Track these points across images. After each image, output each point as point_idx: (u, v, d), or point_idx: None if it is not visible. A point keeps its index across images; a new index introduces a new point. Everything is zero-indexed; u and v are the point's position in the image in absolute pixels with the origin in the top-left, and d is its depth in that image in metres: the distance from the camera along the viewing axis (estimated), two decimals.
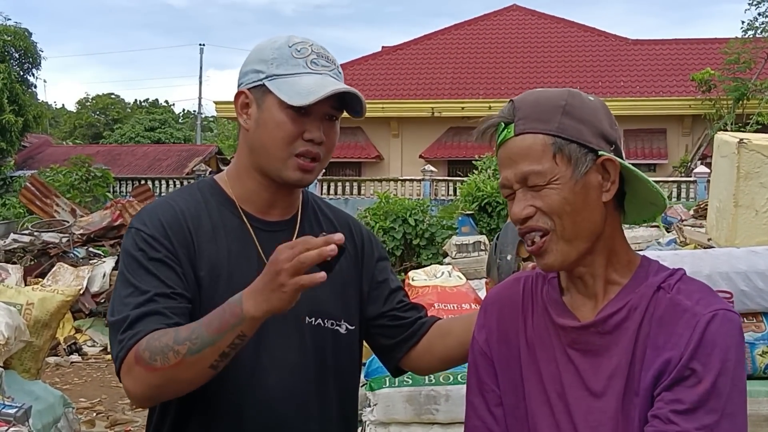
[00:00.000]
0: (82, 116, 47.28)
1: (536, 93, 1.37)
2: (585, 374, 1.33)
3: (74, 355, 9.52)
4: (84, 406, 7.04)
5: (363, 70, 27.96)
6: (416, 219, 14.38)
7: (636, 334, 1.29)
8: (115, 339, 1.49)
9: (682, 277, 1.33)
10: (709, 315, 1.25)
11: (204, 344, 1.39)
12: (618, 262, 1.36)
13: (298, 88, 1.54)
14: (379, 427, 3.37)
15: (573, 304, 1.38)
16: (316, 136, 1.58)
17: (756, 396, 2.84)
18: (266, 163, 1.60)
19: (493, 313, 1.47)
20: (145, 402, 1.52)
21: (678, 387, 1.24)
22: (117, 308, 1.51)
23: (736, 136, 3.74)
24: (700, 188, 20.57)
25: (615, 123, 1.37)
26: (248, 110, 1.61)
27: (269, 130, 1.58)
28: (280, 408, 1.57)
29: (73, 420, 4.61)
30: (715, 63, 23.79)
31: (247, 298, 1.38)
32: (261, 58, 1.60)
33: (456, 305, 3.92)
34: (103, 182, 21.23)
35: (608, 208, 1.34)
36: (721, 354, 1.23)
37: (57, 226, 12.45)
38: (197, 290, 1.56)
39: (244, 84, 1.62)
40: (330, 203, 1.86)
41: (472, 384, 1.47)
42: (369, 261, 1.77)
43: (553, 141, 1.30)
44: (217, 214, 1.63)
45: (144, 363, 1.42)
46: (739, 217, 3.66)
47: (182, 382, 1.44)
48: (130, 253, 1.55)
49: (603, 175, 1.32)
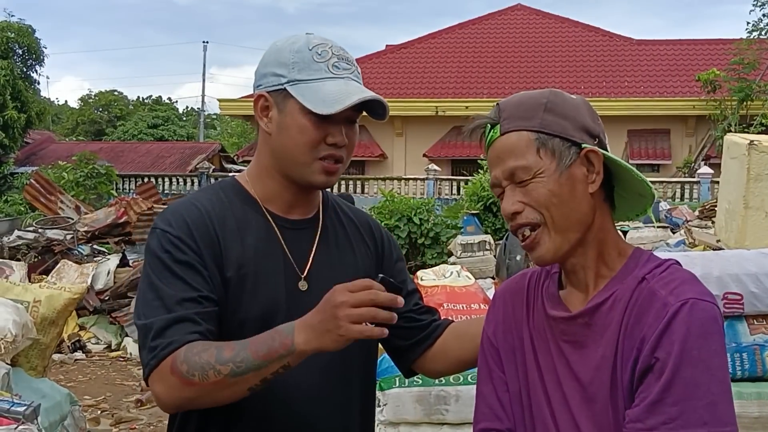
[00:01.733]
0: (84, 113, 47.25)
1: (520, 94, 1.42)
2: (575, 366, 1.35)
3: (78, 353, 9.51)
4: (88, 404, 7.04)
5: (367, 68, 27.93)
6: (421, 218, 14.35)
7: (620, 326, 1.31)
8: (144, 344, 1.49)
9: (669, 268, 1.34)
10: (678, 304, 1.25)
11: (248, 369, 1.40)
12: (608, 254, 1.38)
13: (322, 95, 1.54)
14: (389, 427, 3.36)
15: (567, 296, 1.41)
16: (339, 140, 1.58)
17: (766, 398, 2.84)
18: (290, 167, 1.61)
19: (500, 307, 1.52)
20: (173, 410, 1.52)
21: (646, 378, 1.25)
22: (144, 312, 1.51)
23: (746, 138, 3.74)
24: (704, 189, 20.54)
25: (597, 118, 1.40)
26: (269, 113, 1.61)
27: (292, 135, 1.57)
28: (305, 407, 1.57)
29: (80, 418, 4.61)
30: (719, 64, 23.77)
31: (299, 331, 1.39)
32: (281, 61, 1.59)
33: (465, 305, 3.92)
34: (107, 179, 21.23)
35: (596, 200, 1.36)
36: (684, 343, 1.22)
37: (61, 223, 12.45)
38: (224, 291, 1.55)
39: (264, 86, 1.61)
40: (349, 204, 1.86)
41: (482, 373, 1.50)
42: (388, 261, 1.78)
43: (536, 136, 1.34)
44: (242, 213, 1.63)
45: (180, 375, 1.42)
46: (749, 218, 3.66)
47: (218, 399, 1.45)
48: (156, 255, 1.54)
49: (587, 167, 1.35)
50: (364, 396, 1.71)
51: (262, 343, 1.41)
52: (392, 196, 15.30)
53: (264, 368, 1.40)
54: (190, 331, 1.46)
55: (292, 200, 1.66)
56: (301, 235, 1.65)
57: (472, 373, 3.38)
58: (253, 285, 1.56)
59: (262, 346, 1.40)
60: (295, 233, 1.65)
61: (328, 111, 1.52)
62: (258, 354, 1.39)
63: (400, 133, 26.54)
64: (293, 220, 1.66)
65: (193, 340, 1.45)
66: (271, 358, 1.39)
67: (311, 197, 1.69)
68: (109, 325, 10.05)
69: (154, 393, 1.48)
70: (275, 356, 1.39)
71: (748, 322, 2.88)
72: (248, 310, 1.56)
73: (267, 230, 1.63)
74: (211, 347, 1.43)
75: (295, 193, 1.65)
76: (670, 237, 8.82)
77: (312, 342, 1.37)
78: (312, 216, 1.70)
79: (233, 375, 1.40)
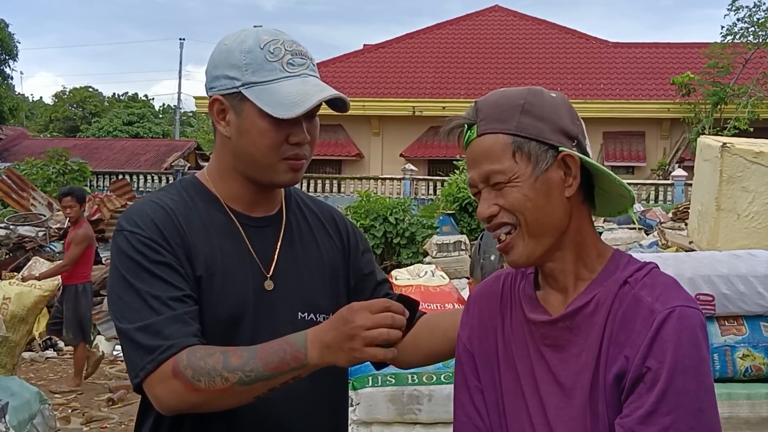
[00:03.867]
0: (58, 109, 46.76)
1: (497, 93, 1.39)
2: (555, 369, 1.34)
3: (49, 351, 9.42)
4: (59, 403, 6.95)
5: (344, 67, 27.92)
6: (397, 218, 14.37)
7: (602, 330, 1.30)
8: (135, 347, 1.44)
9: (651, 272, 1.33)
10: (666, 312, 1.24)
11: (258, 378, 1.39)
12: (587, 256, 1.37)
13: (280, 97, 1.50)
14: (361, 427, 3.35)
15: (545, 299, 1.39)
16: (302, 138, 1.55)
17: (736, 399, 2.86)
18: (254, 169, 1.58)
19: (475, 311, 1.49)
20: (174, 412, 1.48)
21: (637, 388, 1.24)
22: (127, 315, 1.46)
23: (719, 140, 3.77)
24: (678, 191, 20.75)
25: (577, 118, 1.38)
26: (226, 117, 1.57)
27: (253, 139, 1.54)
28: (275, 407, 1.54)
29: (49, 416, 4.56)
30: (694, 67, 24.05)
31: (313, 346, 1.38)
32: (232, 63, 1.54)
33: (439, 305, 3.92)
34: (80, 176, 21.01)
35: (573, 203, 1.35)
36: (675, 352, 1.22)
37: (33, 220, 12.32)
38: (197, 290, 1.53)
39: (218, 90, 1.56)
40: (312, 196, 1.85)
41: (458, 381, 1.48)
42: (355, 253, 1.75)
43: (512, 140, 1.32)
44: (205, 212, 1.60)
45: (185, 380, 1.40)
46: (721, 220, 3.69)
47: (223, 405, 1.44)
48: (128, 256, 1.50)
49: (564, 170, 1.33)
50: (335, 395, 1.69)
51: (272, 353, 1.39)
52: (368, 195, 15.31)
53: (274, 379, 1.39)
54: (186, 333, 1.44)
55: (255, 198, 1.63)
56: (265, 233, 1.62)
57: (446, 372, 3.39)
58: (221, 285, 1.54)
59: (272, 357, 1.39)
60: (259, 231, 1.62)
61: (288, 114, 1.49)
62: (269, 365, 1.38)
63: (377, 133, 26.53)
64: (256, 217, 1.64)
65: (193, 343, 1.43)
66: (283, 370, 1.38)
67: (274, 194, 1.67)
68: None
69: (154, 396, 1.44)
70: (287, 368, 1.38)
71: (720, 323, 2.91)
72: (217, 311, 1.53)
73: (231, 229, 1.60)
74: (216, 352, 1.41)
75: (258, 192, 1.63)
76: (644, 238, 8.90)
77: (326, 358, 1.38)
78: (275, 213, 1.67)
79: (242, 384, 1.38)
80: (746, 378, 2.93)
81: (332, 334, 1.37)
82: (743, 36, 23.86)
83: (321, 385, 1.62)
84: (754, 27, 23.80)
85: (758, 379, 3.08)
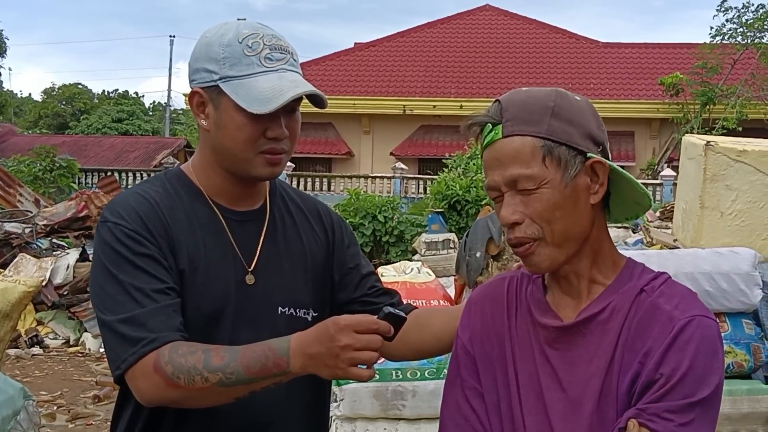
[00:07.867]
0: (47, 106, 46.53)
1: (523, 93, 1.34)
2: (562, 375, 1.32)
3: (35, 348, 9.36)
4: (45, 400, 6.92)
5: (335, 65, 27.89)
6: (386, 216, 14.39)
7: (617, 337, 1.28)
8: (116, 339, 1.44)
9: (667, 281, 1.32)
10: (685, 320, 1.24)
11: (238, 381, 1.39)
12: (603, 263, 1.35)
13: (256, 92, 1.50)
14: (345, 423, 3.35)
15: (556, 303, 1.37)
16: (279, 133, 1.55)
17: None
18: (232, 163, 1.58)
19: (477, 313, 1.46)
20: (155, 405, 1.48)
21: (649, 393, 1.23)
22: (110, 307, 1.46)
23: (703, 139, 3.80)
24: (666, 191, 20.83)
25: (602, 124, 1.35)
26: (205, 110, 1.57)
27: (230, 133, 1.54)
28: (255, 404, 1.53)
29: (34, 413, 4.52)
30: (683, 67, 24.15)
31: (296, 356, 1.38)
32: (211, 56, 1.54)
33: (425, 301, 3.92)
34: (68, 173, 20.92)
35: (595, 210, 1.33)
36: (692, 359, 1.21)
37: (20, 216, 12.24)
38: (180, 283, 1.52)
39: (197, 83, 1.57)
40: (298, 190, 1.84)
41: (455, 382, 1.45)
42: (340, 247, 1.75)
43: (542, 144, 1.27)
44: (189, 205, 1.59)
45: (165, 376, 1.39)
46: (705, 218, 3.72)
47: (203, 403, 1.45)
48: (112, 248, 1.49)
49: (591, 177, 1.30)
50: (314, 392, 1.68)
51: (254, 359, 1.39)
52: (357, 194, 15.31)
53: (255, 383, 1.39)
54: (170, 326, 1.43)
55: (238, 192, 1.63)
56: (248, 227, 1.62)
57: (430, 368, 3.39)
58: (203, 279, 1.54)
59: (254, 362, 1.38)
60: (242, 225, 1.62)
61: (262, 110, 1.49)
62: (250, 370, 1.38)
63: (367, 131, 26.52)
64: (240, 211, 1.63)
65: (176, 338, 1.43)
66: (263, 376, 1.38)
67: (257, 188, 1.67)
68: (67, 320, 9.90)
69: (136, 388, 1.44)
70: (268, 374, 1.38)
71: None
72: (199, 304, 1.53)
73: (215, 223, 1.60)
74: (198, 350, 1.41)
75: (240, 185, 1.62)
76: (629, 236, 8.92)
77: (308, 369, 1.38)
78: (259, 207, 1.67)
79: (221, 385, 1.38)
80: (728, 374, 2.95)
81: (316, 348, 1.36)
82: (732, 37, 23.98)
83: (301, 382, 1.62)
84: (743, 28, 23.94)
85: (739, 376, 3.10)
